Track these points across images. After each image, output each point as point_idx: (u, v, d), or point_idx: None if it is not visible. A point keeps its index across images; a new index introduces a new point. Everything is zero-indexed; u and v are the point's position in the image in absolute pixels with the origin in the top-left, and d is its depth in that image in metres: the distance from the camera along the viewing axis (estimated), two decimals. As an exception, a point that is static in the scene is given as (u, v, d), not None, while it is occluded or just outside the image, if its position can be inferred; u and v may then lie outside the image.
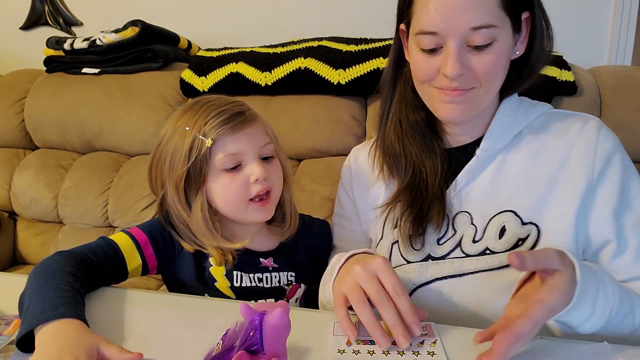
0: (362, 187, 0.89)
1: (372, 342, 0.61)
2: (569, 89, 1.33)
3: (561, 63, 1.38)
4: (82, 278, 0.71)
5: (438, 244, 0.78)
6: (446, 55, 0.69)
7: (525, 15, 0.72)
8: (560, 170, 0.74)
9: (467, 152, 0.79)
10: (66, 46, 1.68)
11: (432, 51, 0.71)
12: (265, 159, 0.82)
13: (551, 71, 1.34)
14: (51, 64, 1.74)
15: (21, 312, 0.66)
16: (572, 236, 0.72)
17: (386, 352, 0.60)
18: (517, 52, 0.74)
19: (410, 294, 0.79)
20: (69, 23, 2.08)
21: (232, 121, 0.77)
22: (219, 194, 0.80)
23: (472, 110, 0.74)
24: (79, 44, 1.67)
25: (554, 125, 0.78)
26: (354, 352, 0.60)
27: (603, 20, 1.67)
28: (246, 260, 0.86)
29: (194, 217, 0.81)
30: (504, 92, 0.79)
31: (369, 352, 0.60)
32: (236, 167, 0.79)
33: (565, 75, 1.34)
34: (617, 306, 0.62)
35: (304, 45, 1.52)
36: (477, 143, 0.78)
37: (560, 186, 0.74)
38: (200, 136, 0.77)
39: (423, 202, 0.78)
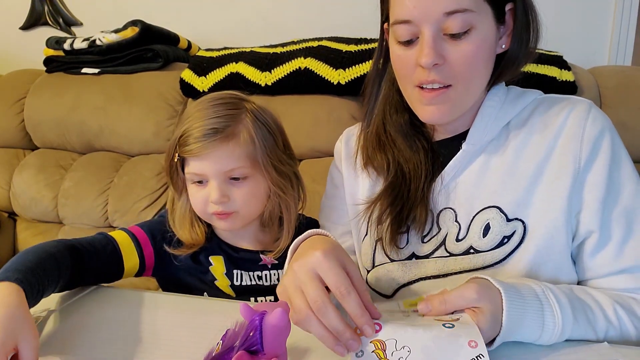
0: (349, 172, 0.87)
1: (391, 312, 0.61)
2: (569, 89, 1.33)
3: (561, 63, 1.38)
4: (63, 262, 0.69)
5: (422, 241, 0.76)
6: (421, 44, 0.67)
7: (509, 6, 0.69)
8: (546, 161, 0.71)
9: (453, 145, 0.76)
10: (66, 46, 1.68)
11: (409, 43, 0.69)
12: (236, 179, 0.80)
13: (551, 71, 1.34)
14: (51, 64, 1.74)
15: None
16: (559, 230, 0.69)
17: (407, 315, 0.59)
18: (503, 46, 0.71)
19: (394, 294, 0.77)
20: (68, 23, 2.08)
21: (199, 141, 0.76)
22: (190, 199, 0.83)
23: (454, 111, 0.72)
24: (79, 44, 1.67)
25: (542, 113, 0.74)
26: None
27: (603, 20, 1.67)
28: (247, 258, 0.86)
29: (178, 206, 0.85)
30: (492, 86, 0.76)
31: (389, 314, 0.58)
32: (202, 181, 0.80)
33: (565, 75, 1.34)
34: (569, 325, 0.60)
35: (304, 45, 1.52)
36: (464, 135, 0.75)
37: (546, 178, 0.71)
38: (175, 146, 0.79)
39: (404, 205, 0.75)
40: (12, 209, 1.70)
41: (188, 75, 1.56)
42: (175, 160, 0.79)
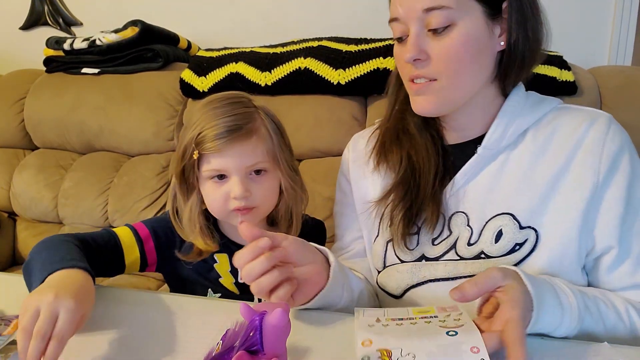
0: (358, 175, 0.87)
1: (400, 319, 0.63)
2: (569, 89, 1.33)
3: (561, 63, 1.38)
4: (84, 254, 0.73)
5: (433, 244, 0.76)
6: (407, 41, 0.70)
7: (505, 3, 0.70)
8: (563, 172, 0.71)
9: (468, 149, 0.77)
10: (66, 46, 1.68)
11: (401, 39, 0.72)
12: (257, 172, 0.81)
13: (551, 71, 1.34)
14: (51, 64, 1.74)
15: (28, 278, 0.69)
16: (572, 241, 0.69)
17: (414, 323, 0.61)
18: (502, 43, 0.71)
19: (402, 294, 0.78)
20: (68, 23, 2.08)
21: (221, 138, 0.76)
22: (206, 198, 0.82)
23: (442, 103, 0.72)
24: (79, 44, 1.67)
25: (561, 123, 0.74)
26: (383, 325, 0.61)
27: (603, 20, 1.67)
28: None
29: (186, 211, 0.84)
30: (505, 88, 0.76)
31: (397, 325, 0.61)
32: (222, 178, 0.79)
33: (565, 76, 1.34)
34: (583, 311, 0.62)
35: (304, 45, 1.52)
36: (479, 140, 0.76)
37: (562, 189, 0.71)
38: (192, 144, 0.78)
39: (414, 201, 0.76)
40: (12, 209, 1.70)
41: (188, 75, 1.56)
42: (195, 157, 0.78)
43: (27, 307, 0.56)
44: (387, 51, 1.41)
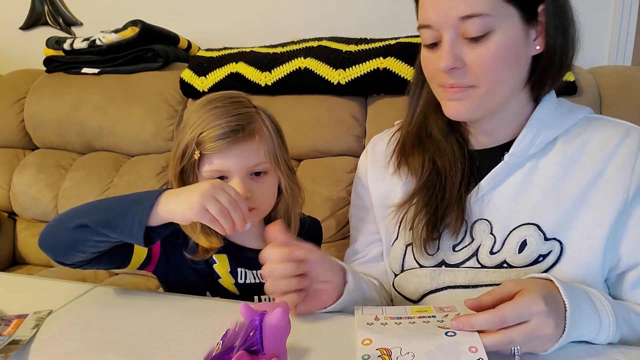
0: (377, 178, 0.86)
1: (398, 317, 0.64)
2: (569, 89, 1.33)
3: (561, 63, 1.38)
4: None
5: (454, 250, 0.75)
6: (441, 49, 0.68)
7: (541, 7, 0.67)
8: (593, 185, 0.69)
9: (494, 155, 0.75)
10: (66, 46, 1.68)
11: (433, 46, 0.69)
12: (257, 174, 0.80)
13: (551, 71, 1.33)
14: (51, 64, 1.74)
15: (96, 225, 0.69)
16: (597, 256, 0.68)
17: (412, 322, 0.62)
18: (538, 47, 0.69)
19: (420, 299, 0.77)
20: (68, 23, 2.08)
21: (224, 139, 0.76)
22: None
23: (478, 110, 0.70)
24: (79, 44, 1.67)
25: (592, 135, 0.72)
26: (382, 324, 0.62)
27: (603, 20, 1.67)
28: (250, 257, 0.86)
29: None
30: (538, 94, 0.74)
31: (396, 324, 0.62)
32: (223, 179, 0.79)
33: (565, 76, 1.34)
34: (619, 316, 0.61)
35: (304, 45, 1.52)
36: (506, 147, 0.74)
37: (591, 203, 0.69)
38: (193, 145, 0.78)
39: (438, 205, 0.74)
40: (12, 209, 1.70)
41: (188, 75, 1.56)
42: (196, 157, 0.78)
43: (203, 203, 0.66)
44: (387, 51, 1.41)
